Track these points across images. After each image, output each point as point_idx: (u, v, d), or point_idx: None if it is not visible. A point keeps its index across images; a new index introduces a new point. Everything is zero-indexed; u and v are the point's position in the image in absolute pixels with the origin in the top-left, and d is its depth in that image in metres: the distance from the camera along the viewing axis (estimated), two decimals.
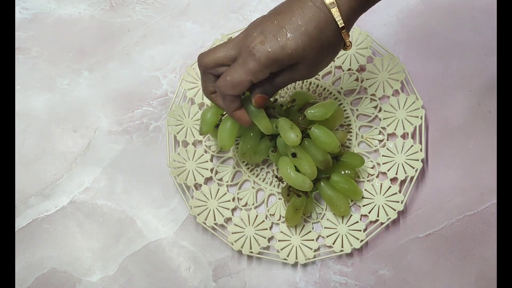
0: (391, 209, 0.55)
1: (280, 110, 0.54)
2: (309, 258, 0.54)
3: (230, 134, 0.52)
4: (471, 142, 0.58)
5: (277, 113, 0.53)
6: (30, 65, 0.63)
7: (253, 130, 0.53)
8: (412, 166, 0.56)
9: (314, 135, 0.51)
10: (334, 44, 0.44)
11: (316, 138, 0.51)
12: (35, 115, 0.62)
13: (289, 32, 0.42)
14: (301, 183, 0.51)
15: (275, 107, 0.54)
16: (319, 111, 0.51)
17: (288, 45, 0.42)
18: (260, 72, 0.43)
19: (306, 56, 0.43)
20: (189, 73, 0.60)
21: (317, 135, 0.51)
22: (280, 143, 0.53)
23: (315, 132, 0.51)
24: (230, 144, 0.52)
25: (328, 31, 0.42)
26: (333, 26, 0.42)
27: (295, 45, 0.42)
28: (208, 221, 0.56)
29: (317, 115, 0.51)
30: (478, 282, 0.54)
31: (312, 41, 0.42)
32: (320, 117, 0.51)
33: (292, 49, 0.42)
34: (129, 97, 0.62)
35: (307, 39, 0.42)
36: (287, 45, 0.42)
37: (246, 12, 0.63)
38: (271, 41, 0.42)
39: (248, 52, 0.43)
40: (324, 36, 0.42)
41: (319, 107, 0.52)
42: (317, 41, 0.42)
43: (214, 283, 0.56)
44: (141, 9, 0.65)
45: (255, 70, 0.43)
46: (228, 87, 0.44)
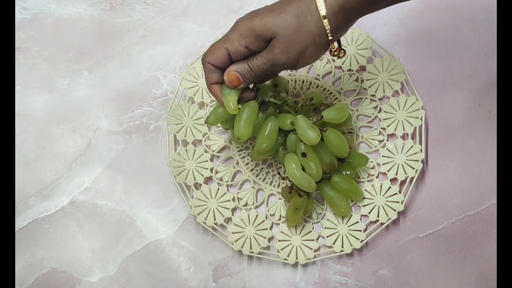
0: (391, 209, 0.55)
1: (296, 107, 0.52)
2: (309, 258, 0.54)
3: (248, 124, 0.49)
4: (471, 142, 0.58)
5: (292, 109, 0.52)
6: (30, 65, 0.63)
7: (268, 126, 0.50)
8: (412, 167, 0.56)
9: (328, 137, 0.50)
10: (313, 33, 0.44)
11: (330, 141, 0.50)
12: (35, 115, 0.61)
13: (272, 10, 0.45)
14: (306, 184, 0.50)
15: (289, 102, 0.52)
16: (337, 114, 0.51)
17: (266, 17, 0.44)
18: (235, 41, 0.45)
19: (281, 31, 0.44)
20: (189, 72, 0.60)
21: (331, 138, 0.50)
22: (291, 141, 0.51)
23: (330, 135, 0.50)
24: (247, 134, 0.49)
25: (309, 16, 0.44)
26: (315, 13, 0.43)
27: (272, 18, 0.44)
28: (208, 221, 0.56)
29: (334, 118, 0.51)
30: (478, 282, 0.54)
31: (291, 17, 0.44)
32: (336, 120, 0.51)
33: (269, 21, 0.44)
34: (129, 97, 0.62)
35: (286, 15, 0.44)
36: (265, 16, 0.44)
37: (246, 12, 0.63)
38: (253, 16, 0.45)
39: (232, 26, 0.46)
40: (304, 20, 0.44)
41: (337, 110, 0.51)
42: (295, 20, 0.44)
43: (214, 283, 0.56)
44: (141, 9, 0.65)
45: (230, 38, 0.45)
46: (207, 52, 0.47)
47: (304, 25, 0.44)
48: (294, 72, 0.60)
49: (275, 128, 0.50)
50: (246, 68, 0.47)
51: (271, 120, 0.50)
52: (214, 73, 0.48)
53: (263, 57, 0.46)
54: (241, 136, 0.49)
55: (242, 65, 0.47)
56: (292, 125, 0.50)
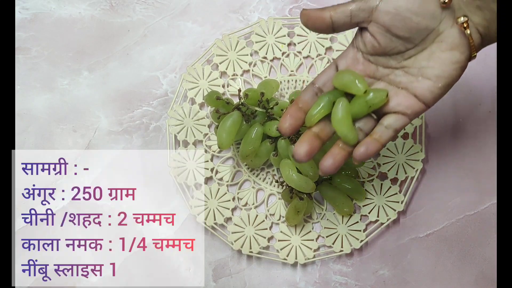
0: (391, 209, 0.55)
1: (281, 114, 0.54)
2: (308, 258, 0.54)
3: (229, 134, 0.52)
4: (471, 142, 0.58)
5: (278, 115, 0.53)
6: (30, 65, 0.63)
7: (255, 131, 0.53)
8: (412, 166, 0.56)
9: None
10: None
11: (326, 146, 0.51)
12: (35, 115, 0.61)
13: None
14: (304, 185, 0.51)
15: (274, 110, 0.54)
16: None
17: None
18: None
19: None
20: (189, 72, 0.60)
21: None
22: (282, 146, 0.53)
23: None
24: (228, 143, 0.52)
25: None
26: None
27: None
28: (208, 221, 0.56)
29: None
30: (478, 282, 0.54)
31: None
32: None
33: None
34: (129, 97, 0.62)
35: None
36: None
37: (246, 12, 0.63)
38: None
39: None
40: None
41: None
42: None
43: (214, 283, 0.56)
44: (141, 9, 0.65)
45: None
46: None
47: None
48: (294, 72, 0.60)
49: (257, 133, 0.53)
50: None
51: (256, 126, 0.53)
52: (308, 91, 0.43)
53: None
54: (221, 145, 0.52)
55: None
56: (278, 131, 0.51)
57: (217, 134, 0.52)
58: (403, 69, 0.41)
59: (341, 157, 0.41)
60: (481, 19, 0.39)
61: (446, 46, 0.39)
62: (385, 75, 0.42)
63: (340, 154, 0.41)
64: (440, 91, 0.40)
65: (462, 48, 0.39)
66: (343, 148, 0.41)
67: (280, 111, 0.54)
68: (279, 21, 0.61)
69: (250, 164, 0.57)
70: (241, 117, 0.53)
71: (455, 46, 0.39)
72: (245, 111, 0.54)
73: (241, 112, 0.54)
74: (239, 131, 0.53)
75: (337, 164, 0.40)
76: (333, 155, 0.41)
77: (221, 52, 0.60)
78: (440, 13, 0.38)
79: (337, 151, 0.41)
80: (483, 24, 0.39)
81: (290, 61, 0.61)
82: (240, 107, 0.54)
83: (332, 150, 0.41)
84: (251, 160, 0.55)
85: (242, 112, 0.54)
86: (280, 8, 0.63)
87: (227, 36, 0.61)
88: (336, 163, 0.40)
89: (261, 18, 0.62)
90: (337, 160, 0.41)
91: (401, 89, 0.41)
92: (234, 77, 0.60)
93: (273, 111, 0.54)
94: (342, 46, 0.60)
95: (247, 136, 0.53)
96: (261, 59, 0.61)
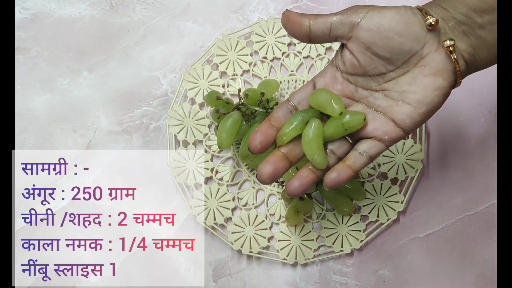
0: (391, 209, 0.55)
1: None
2: (308, 258, 0.54)
3: (229, 134, 0.52)
4: (471, 142, 0.58)
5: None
6: (30, 65, 0.63)
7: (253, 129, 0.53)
8: (412, 167, 0.56)
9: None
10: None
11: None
12: (35, 115, 0.61)
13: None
14: None
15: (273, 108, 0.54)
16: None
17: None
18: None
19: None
20: (189, 72, 0.60)
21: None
22: None
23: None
24: (228, 143, 0.52)
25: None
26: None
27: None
28: (208, 221, 0.56)
29: None
30: (478, 282, 0.54)
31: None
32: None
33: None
34: (129, 97, 0.62)
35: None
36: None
37: (246, 12, 0.63)
38: None
39: None
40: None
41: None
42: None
43: (214, 283, 0.56)
44: (141, 9, 0.64)
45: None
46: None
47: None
48: (294, 72, 0.60)
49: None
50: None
51: (256, 126, 0.52)
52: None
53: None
54: (221, 145, 0.52)
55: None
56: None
57: (217, 134, 0.52)
58: (383, 92, 0.39)
59: (309, 180, 0.39)
60: (467, 45, 0.38)
61: (429, 70, 0.38)
62: (364, 97, 0.40)
63: (308, 177, 0.39)
64: (420, 117, 0.38)
65: (445, 74, 0.38)
66: (312, 171, 0.39)
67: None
68: (279, 21, 0.61)
69: (250, 164, 0.57)
70: (241, 117, 0.53)
71: (438, 72, 0.38)
72: (245, 111, 0.54)
73: (241, 112, 0.54)
74: (239, 131, 0.53)
75: (304, 187, 0.38)
76: (300, 177, 0.39)
77: (221, 52, 0.60)
78: (424, 36, 0.37)
79: (306, 174, 0.39)
80: (468, 50, 0.38)
81: (290, 61, 0.61)
82: (240, 107, 0.54)
83: (300, 172, 0.39)
84: (251, 160, 0.55)
85: (242, 112, 0.54)
86: (280, 8, 0.63)
87: (227, 36, 0.61)
88: (303, 186, 0.38)
89: (261, 18, 0.62)
90: (304, 183, 0.38)
91: (379, 113, 0.39)
92: (234, 77, 0.60)
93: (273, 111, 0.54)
94: None
95: (247, 136, 0.53)
96: (261, 59, 0.61)
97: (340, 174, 0.38)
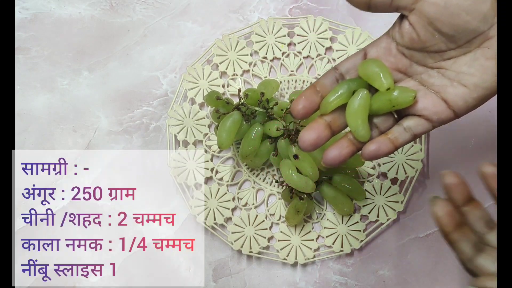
0: (391, 209, 0.55)
1: (280, 113, 0.54)
2: (308, 258, 0.54)
3: (229, 134, 0.52)
4: (471, 142, 0.58)
5: (278, 115, 0.54)
6: (30, 65, 0.63)
7: (255, 131, 0.53)
8: (412, 166, 0.56)
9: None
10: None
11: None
12: (35, 115, 0.62)
13: None
14: (304, 185, 0.51)
15: (274, 110, 0.54)
16: None
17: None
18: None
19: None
20: (189, 72, 0.60)
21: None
22: (282, 146, 0.53)
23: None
24: (228, 143, 0.52)
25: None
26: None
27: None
28: (208, 221, 0.56)
29: None
30: None
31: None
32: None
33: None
34: (129, 97, 0.62)
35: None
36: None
37: (246, 12, 0.63)
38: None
39: None
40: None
41: None
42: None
43: (214, 283, 0.56)
44: (141, 9, 0.65)
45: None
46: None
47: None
48: (294, 72, 0.60)
49: (257, 133, 0.53)
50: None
51: (256, 125, 0.53)
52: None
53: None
54: (221, 145, 0.52)
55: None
56: (278, 131, 0.52)
57: (217, 134, 0.52)
58: (439, 70, 0.37)
59: (349, 151, 0.37)
60: None
61: (492, 53, 0.35)
62: (417, 73, 0.37)
63: (348, 148, 0.37)
64: (475, 102, 0.36)
65: None
66: (353, 142, 0.37)
67: (280, 111, 0.54)
68: (279, 21, 0.61)
69: (250, 164, 0.57)
70: (241, 117, 0.53)
71: None
72: (245, 111, 0.54)
73: (241, 112, 0.54)
74: (239, 131, 0.53)
75: (343, 158, 0.36)
76: (340, 147, 0.36)
77: (221, 52, 0.60)
78: (493, 16, 0.34)
79: (346, 144, 0.37)
80: None
81: (290, 61, 0.61)
82: (240, 107, 0.54)
83: (340, 141, 0.37)
84: (251, 160, 0.55)
85: (242, 112, 0.54)
86: (280, 8, 0.63)
87: (227, 36, 0.61)
88: (341, 156, 0.36)
89: (261, 18, 0.62)
90: (343, 153, 0.36)
91: (431, 91, 0.36)
92: (234, 77, 0.60)
93: (273, 111, 0.54)
94: (342, 47, 0.60)
95: (247, 136, 0.53)
96: (261, 59, 0.61)
97: (380, 147, 0.36)
